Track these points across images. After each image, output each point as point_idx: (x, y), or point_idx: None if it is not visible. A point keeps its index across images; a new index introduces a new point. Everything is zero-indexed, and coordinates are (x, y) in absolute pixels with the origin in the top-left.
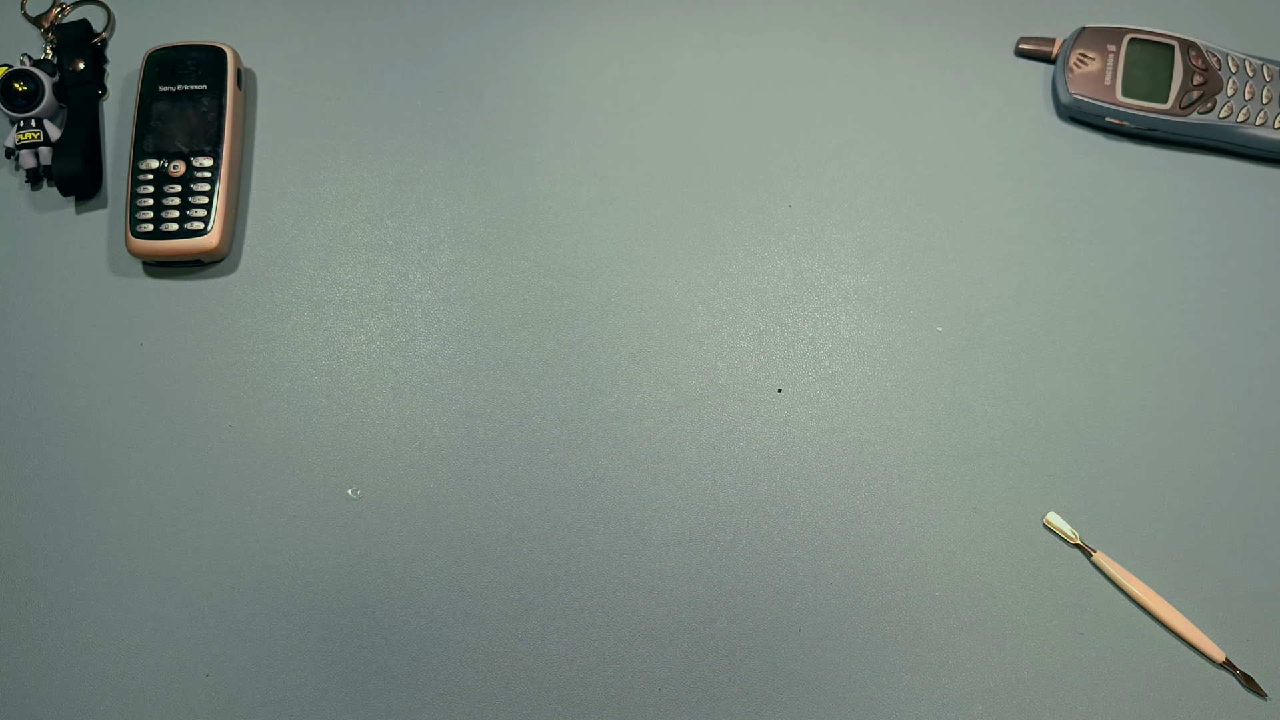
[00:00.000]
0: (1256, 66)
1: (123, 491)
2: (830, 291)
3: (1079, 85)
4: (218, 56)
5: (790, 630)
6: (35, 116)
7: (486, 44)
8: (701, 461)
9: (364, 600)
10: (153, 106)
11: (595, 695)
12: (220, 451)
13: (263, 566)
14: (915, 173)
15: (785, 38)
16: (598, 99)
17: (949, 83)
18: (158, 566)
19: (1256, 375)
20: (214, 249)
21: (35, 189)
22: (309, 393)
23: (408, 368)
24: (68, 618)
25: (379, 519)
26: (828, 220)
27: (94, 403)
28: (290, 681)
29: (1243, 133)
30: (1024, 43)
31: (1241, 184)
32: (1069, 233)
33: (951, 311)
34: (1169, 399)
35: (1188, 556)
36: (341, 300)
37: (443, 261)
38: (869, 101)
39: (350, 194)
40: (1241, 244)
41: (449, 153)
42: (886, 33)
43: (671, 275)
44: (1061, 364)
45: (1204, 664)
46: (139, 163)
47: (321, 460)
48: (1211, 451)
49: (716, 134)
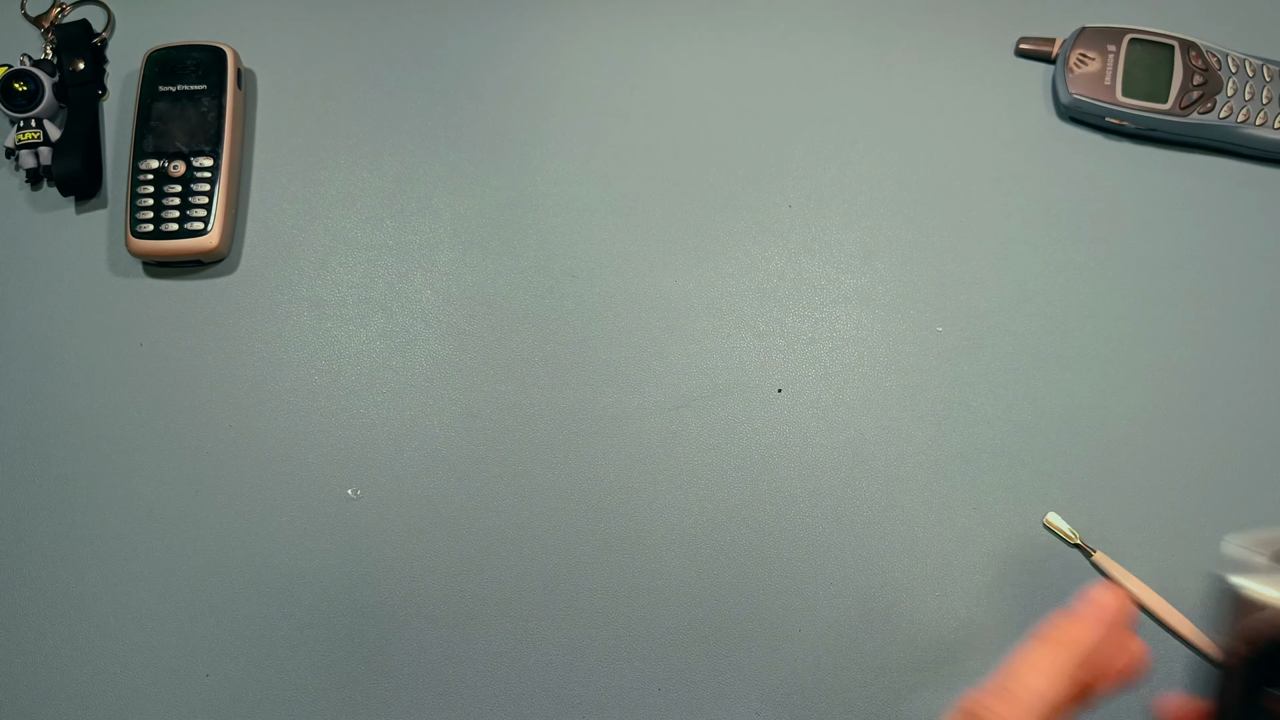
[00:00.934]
0: (1256, 66)
1: (123, 491)
2: (830, 291)
3: (1079, 85)
4: (218, 56)
5: (791, 631)
6: (35, 116)
7: (486, 44)
8: (701, 461)
9: (364, 600)
10: (153, 106)
11: (595, 695)
12: (220, 452)
13: (263, 566)
14: (915, 173)
15: (786, 37)
16: (598, 99)
17: (949, 83)
18: (158, 566)
19: (1256, 375)
20: (214, 249)
21: (35, 189)
22: (309, 393)
23: (408, 368)
24: (68, 618)
25: (379, 519)
26: (828, 220)
27: (94, 403)
28: (290, 681)
29: (1243, 133)
30: (1024, 43)
31: (1241, 184)
32: (1069, 233)
33: (951, 311)
34: (1169, 399)
35: (1188, 556)
36: (341, 300)
37: (443, 261)
38: (869, 102)
39: (350, 194)
40: (1241, 244)
41: (449, 153)
42: (887, 33)
43: (672, 275)
44: (1061, 364)
45: (1203, 664)
46: (139, 163)
47: (321, 460)
48: (1212, 451)
49: (716, 134)
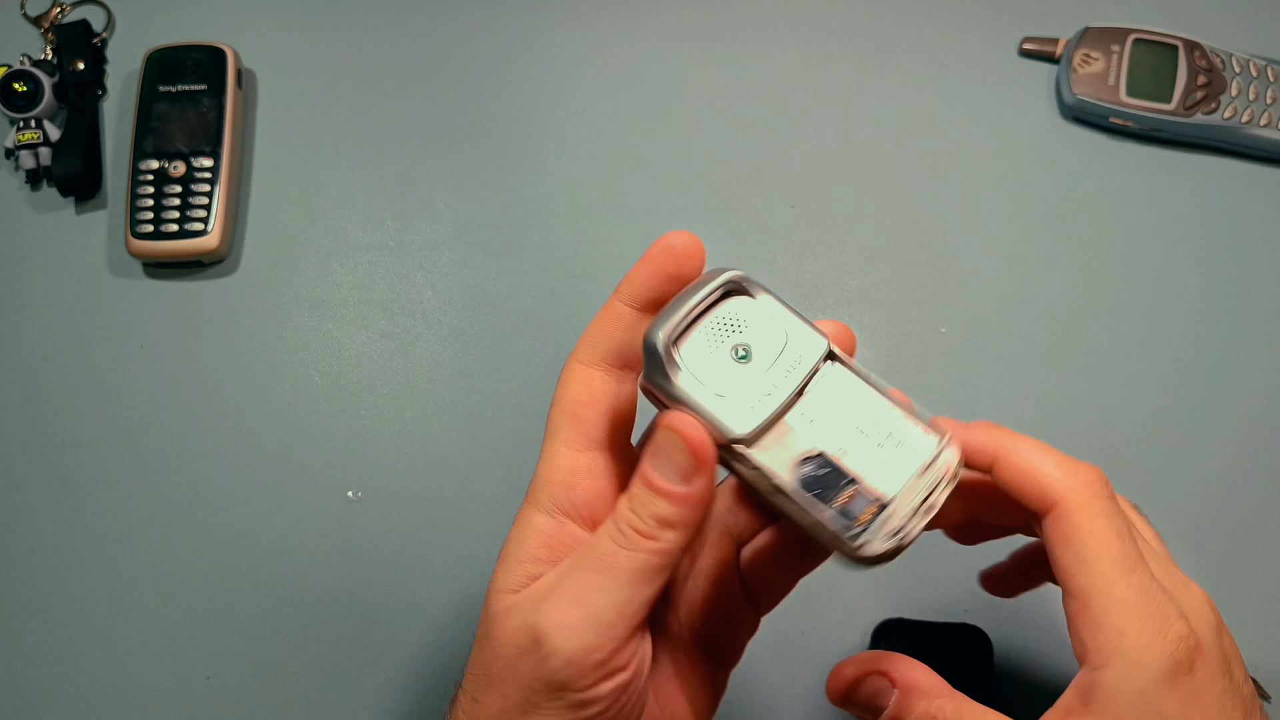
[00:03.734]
0: (1261, 67)
1: (123, 493)
2: (833, 292)
3: (1083, 85)
4: (218, 56)
5: (794, 634)
6: (35, 117)
7: (487, 44)
8: None
9: (365, 602)
10: (153, 107)
11: None
12: (220, 453)
13: (263, 568)
14: (918, 173)
15: (788, 37)
16: (599, 99)
17: (952, 83)
18: (158, 568)
19: (1262, 377)
20: (214, 249)
21: (35, 189)
22: (309, 394)
23: (409, 369)
24: (68, 619)
25: (380, 521)
26: (831, 221)
27: (94, 403)
28: (291, 683)
29: (1247, 133)
30: (1028, 43)
31: (1245, 185)
32: (1072, 233)
33: (955, 313)
34: (1173, 401)
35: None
36: (342, 301)
37: (444, 262)
38: (872, 102)
39: (350, 194)
40: (1245, 245)
41: (450, 153)
42: (890, 33)
43: None
44: (1065, 365)
45: None
46: (139, 163)
47: (322, 462)
48: (1214, 453)
49: (718, 134)
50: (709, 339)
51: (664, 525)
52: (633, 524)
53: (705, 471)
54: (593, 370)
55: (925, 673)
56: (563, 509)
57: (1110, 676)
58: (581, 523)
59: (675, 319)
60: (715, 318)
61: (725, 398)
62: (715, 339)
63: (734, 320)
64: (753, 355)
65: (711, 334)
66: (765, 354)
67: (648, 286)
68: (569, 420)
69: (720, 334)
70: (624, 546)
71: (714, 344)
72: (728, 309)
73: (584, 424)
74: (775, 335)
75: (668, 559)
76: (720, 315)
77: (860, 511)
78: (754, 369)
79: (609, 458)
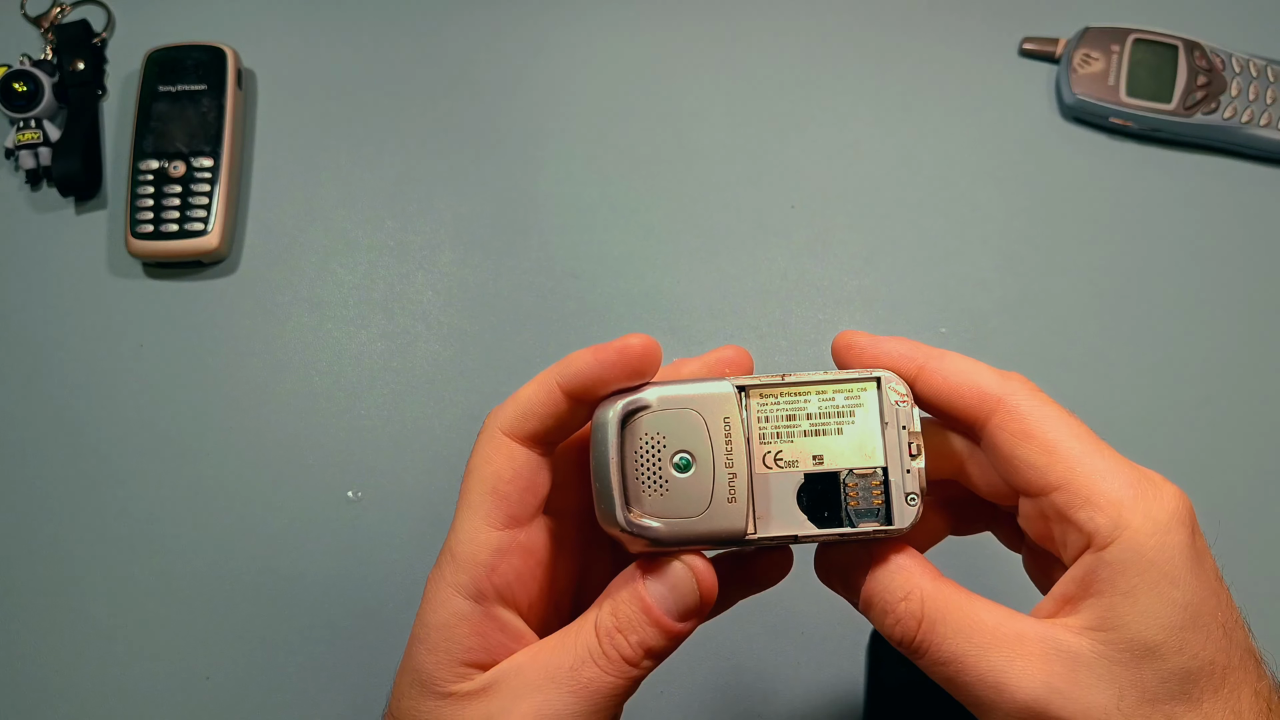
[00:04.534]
0: (1261, 67)
1: (122, 493)
2: (833, 292)
3: (1083, 85)
4: (218, 56)
5: (794, 634)
6: (35, 117)
7: (486, 44)
8: None
9: (365, 603)
10: (153, 107)
11: None
12: (220, 453)
13: (263, 568)
14: (918, 173)
15: (788, 36)
16: (600, 98)
17: (952, 82)
18: (158, 568)
19: (1261, 377)
20: (214, 249)
21: (35, 189)
22: (309, 394)
23: (409, 369)
24: (67, 620)
25: (380, 521)
26: (831, 221)
27: (93, 403)
28: (291, 684)
29: (1247, 133)
30: (1028, 43)
31: (1245, 185)
32: (1072, 234)
33: (955, 313)
34: (1173, 401)
35: None
36: (342, 301)
37: (444, 262)
38: (872, 101)
39: (350, 194)
40: (1246, 245)
41: (450, 153)
42: (889, 33)
43: (674, 276)
44: (1065, 365)
45: None
46: (139, 163)
47: (322, 462)
48: (1215, 453)
49: (719, 134)
50: (649, 477)
51: (649, 654)
52: (619, 649)
53: (705, 611)
54: (516, 446)
55: (910, 555)
56: (485, 593)
57: (1118, 550)
58: (504, 605)
59: (615, 497)
60: (637, 457)
61: (707, 510)
62: (653, 473)
63: (651, 441)
64: (692, 454)
65: (647, 473)
66: (698, 444)
67: (589, 379)
68: (490, 495)
69: (652, 465)
70: (605, 670)
71: (655, 478)
72: (639, 438)
73: (505, 500)
74: (690, 421)
75: (638, 684)
76: (639, 449)
77: (874, 498)
78: (701, 465)
79: (528, 534)
